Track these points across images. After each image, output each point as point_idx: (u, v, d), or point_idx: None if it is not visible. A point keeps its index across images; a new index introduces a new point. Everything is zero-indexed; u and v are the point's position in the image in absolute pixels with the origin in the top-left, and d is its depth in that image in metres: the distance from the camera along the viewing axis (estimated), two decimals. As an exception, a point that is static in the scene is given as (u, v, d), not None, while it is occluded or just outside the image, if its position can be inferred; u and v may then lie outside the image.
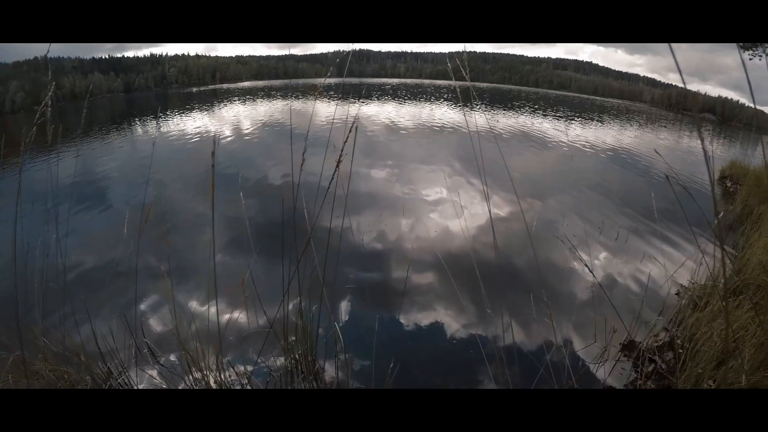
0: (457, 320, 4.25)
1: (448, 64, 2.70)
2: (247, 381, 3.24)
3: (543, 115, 30.42)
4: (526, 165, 11.54)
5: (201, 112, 28.24)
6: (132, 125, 23.70)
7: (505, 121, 23.54)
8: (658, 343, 3.76)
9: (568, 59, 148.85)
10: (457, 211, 7.12)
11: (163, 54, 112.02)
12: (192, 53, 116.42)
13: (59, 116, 2.52)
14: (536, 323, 4.04)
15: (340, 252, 2.95)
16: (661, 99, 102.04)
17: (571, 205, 7.88)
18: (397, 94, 43.09)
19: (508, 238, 6.10)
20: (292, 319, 3.19)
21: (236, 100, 36.83)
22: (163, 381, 3.26)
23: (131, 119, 27.32)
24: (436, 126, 19.36)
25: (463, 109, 28.24)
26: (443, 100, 39.29)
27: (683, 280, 4.64)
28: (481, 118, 20.75)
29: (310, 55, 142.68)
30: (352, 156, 2.40)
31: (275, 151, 12.08)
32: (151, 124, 23.08)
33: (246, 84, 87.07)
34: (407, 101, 36.16)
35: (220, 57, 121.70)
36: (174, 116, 25.01)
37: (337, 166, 2.35)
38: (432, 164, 10.67)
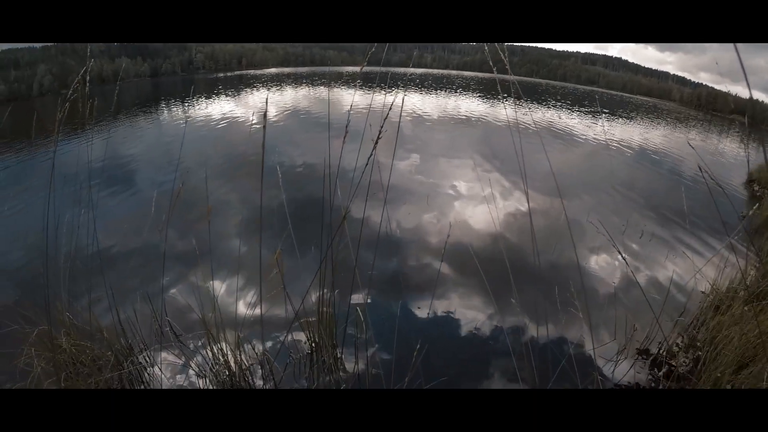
0: (482, 311, 4.24)
1: (487, 55, 2.67)
2: (267, 362, 3.27)
3: (570, 110, 29.99)
4: (553, 160, 11.40)
5: (227, 97, 28.40)
6: (159, 109, 23.93)
7: (532, 115, 23.27)
8: (678, 344, 3.72)
9: (597, 54, 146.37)
10: (490, 207, 7.07)
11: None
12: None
13: (81, 98, 2.55)
14: (558, 318, 4.01)
15: (361, 240, 2.95)
16: (690, 98, 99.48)
17: (596, 203, 7.78)
18: (423, 84, 42.85)
19: (524, 232, 6.04)
20: (313, 304, 3.21)
21: (262, 87, 36.95)
22: (182, 358, 3.31)
23: (159, 103, 27.57)
24: (461, 117, 19.22)
25: (491, 101, 28.06)
26: (470, 91, 38.97)
27: (707, 281, 4.56)
28: (510, 112, 20.59)
29: (336, 43, 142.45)
30: (393, 150, 2.40)
31: (301, 139, 12.09)
32: (178, 109, 23.29)
33: (272, 70, 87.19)
34: (433, 91, 35.94)
35: (246, 43, 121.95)
36: (201, 101, 25.20)
37: (374, 148, 2.37)
38: (457, 156, 10.61)
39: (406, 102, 24.96)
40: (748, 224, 6.62)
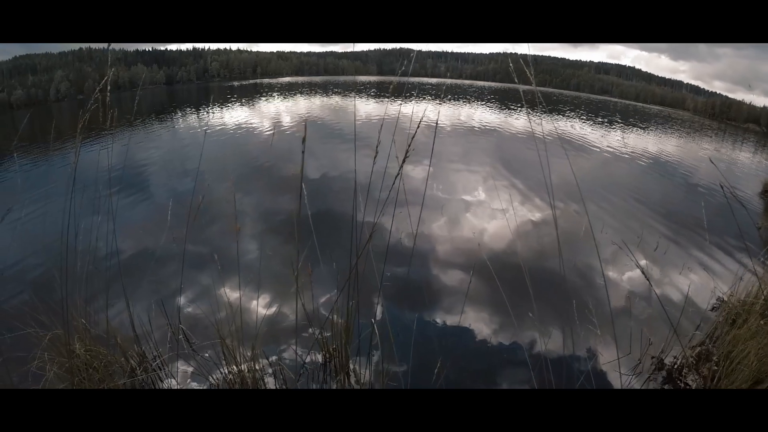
0: (496, 323, 4.19)
1: (512, 69, 2.67)
2: (280, 371, 3.25)
3: (583, 119, 29.84)
4: (565, 170, 11.33)
5: (243, 105, 28.65)
6: (177, 117, 24.18)
7: (546, 124, 23.19)
8: (694, 357, 3.64)
9: (610, 63, 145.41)
10: (508, 216, 7.03)
11: (206, 48, 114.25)
12: (234, 48, 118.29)
13: (102, 105, 2.57)
14: (573, 330, 3.95)
15: (373, 249, 2.93)
16: (704, 107, 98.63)
17: (610, 213, 7.69)
18: (437, 94, 42.96)
19: (543, 242, 5.99)
20: (324, 313, 3.18)
21: (276, 95, 37.22)
22: (194, 366, 3.30)
23: (175, 111, 27.88)
24: (475, 126, 19.19)
25: (504, 110, 28.01)
26: (484, 100, 38.97)
27: (722, 294, 4.48)
28: (523, 122, 20.52)
29: (351, 52, 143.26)
30: (430, 161, 2.38)
31: (319, 149, 12.10)
32: (195, 116, 23.53)
33: (286, 79, 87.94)
34: (447, 101, 35.97)
35: (261, 52, 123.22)
36: (217, 108, 25.45)
37: (400, 168, 2.41)
38: (471, 165, 10.57)
39: (418, 111, 25.03)
40: (765, 235, 6.53)
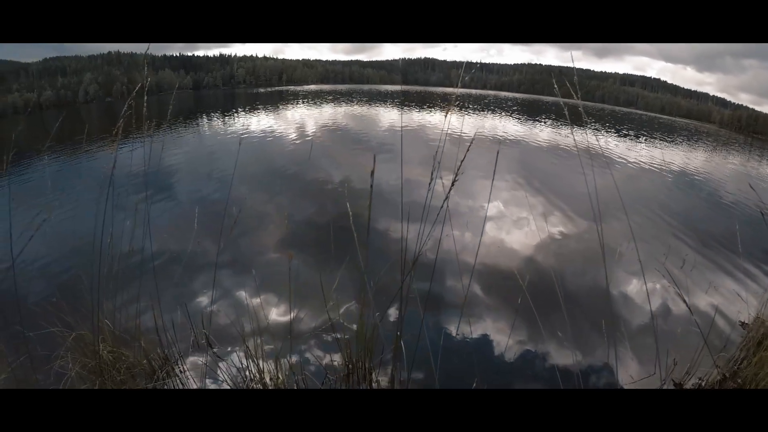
0: (519, 337, 4.13)
1: (555, 83, 2.64)
2: (302, 380, 3.23)
3: (608, 132, 29.50)
4: (590, 183, 11.17)
5: (269, 112, 28.95)
6: (205, 121, 24.54)
7: (572, 136, 22.96)
8: (719, 378, 3.53)
9: (635, 75, 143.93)
10: (533, 229, 6.96)
11: (232, 54, 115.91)
12: (260, 55, 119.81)
13: (129, 108, 2.59)
14: (596, 347, 3.88)
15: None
16: (730, 120, 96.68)
17: (635, 227, 7.55)
18: (461, 104, 42.92)
19: (566, 257, 5.91)
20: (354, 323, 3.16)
21: (302, 103, 37.53)
22: (217, 372, 3.30)
23: (203, 115, 28.28)
24: (498, 138, 19.08)
25: (529, 121, 27.86)
26: (508, 111, 38.80)
27: (749, 314, 4.35)
28: (546, 134, 20.40)
29: (376, 61, 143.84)
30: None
31: (343, 157, 12.13)
32: (225, 121, 23.82)
33: (312, 87, 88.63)
34: (471, 111, 35.89)
35: (287, 60, 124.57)
36: (245, 115, 25.75)
37: (449, 191, 2.50)
38: (496, 177, 10.48)
39: (443, 120, 24.99)
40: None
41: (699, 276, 5.62)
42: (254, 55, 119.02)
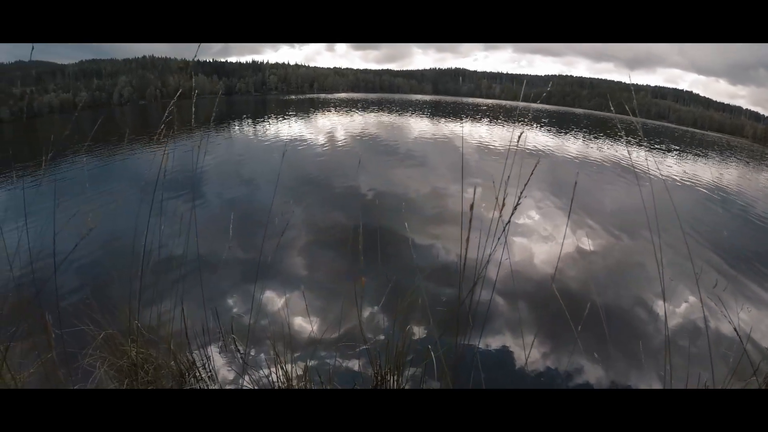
0: (545, 354, 4.05)
1: (610, 102, 2.58)
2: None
3: (640, 145, 28.99)
4: (621, 197, 10.98)
5: (303, 119, 29.30)
6: (239, 125, 24.92)
7: (603, 150, 22.65)
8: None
9: (667, 87, 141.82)
10: (561, 243, 6.85)
11: (264, 61, 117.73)
12: (292, 62, 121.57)
13: (161, 111, 2.61)
14: (625, 367, 3.79)
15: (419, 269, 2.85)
16: (764, 134, 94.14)
17: (665, 244, 7.33)
18: (491, 115, 42.79)
19: (593, 272, 5.80)
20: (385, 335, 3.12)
21: (334, 111, 37.82)
22: (243, 376, 3.29)
23: (237, 120, 28.73)
24: (529, 150, 18.88)
25: (560, 134, 27.60)
26: (538, 124, 38.46)
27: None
28: (578, 146, 20.17)
29: (406, 71, 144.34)
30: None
31: (374, 167, 12.12)
32: (265, 127, 24.13)
33: (342, 95, 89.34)
34: (500, 122, 35.71)
35: (319, 67, 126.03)
36: (279, 121, 26.07)
37: (508, 222, 2.48)
38: (530, 189, 10.35)
39: (473, 132, 24.91)
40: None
41: (732, 295, 5.43)
42: (286, 62, 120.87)
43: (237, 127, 23.93)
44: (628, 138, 26.01)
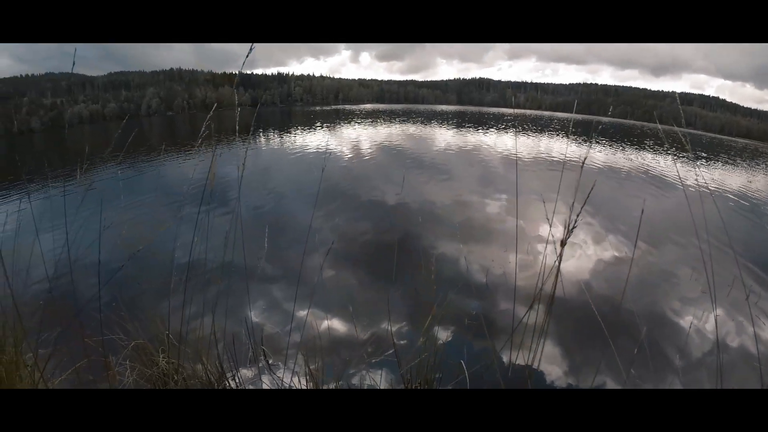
0: (575, 368, 3.98)
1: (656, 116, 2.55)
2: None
3: (667, 153, 28.47)
4: (648, 206, 10.76)
5: (329, 130, 29.52)
6: (267, 135, 25.22)
7: (629, 159, 22.29)
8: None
9: (693, 94, 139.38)
10: (585, 254, 6.75)
11: (290, 73, 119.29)
12: (317, 74, 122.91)
13: (189, 123, 2.62)
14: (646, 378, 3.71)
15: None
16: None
17: (693, 255, 7.15)
18: (515, 125, 42.57)
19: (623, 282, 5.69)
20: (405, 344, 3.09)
21: (357, 122, 38.03)
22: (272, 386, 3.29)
23: (266, 129, 29.06)
24: (553, 159, 18.69)
25: (584, 144, 27.31)
26: (563, 133, 38.12)
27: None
28: (605, 156, 19.91)
29: (431, 81, 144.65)
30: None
31: (399, 178, 12.13)
32: (289, 138, 24.36)
33: (367, 106, 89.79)
34: (525, 132, 35.50)
35: (343, 79, 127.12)
36: (303, 132, 26.31)
37: (560, 256, 2.26)
38: (548, 199, 10.23)
39: (498, 143, 24.78)
40: None
41: (762, 307, 5.26)
42: (311, 74, 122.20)
43: (270, 137, 24.20)
44: (675, 152, 25.60)
